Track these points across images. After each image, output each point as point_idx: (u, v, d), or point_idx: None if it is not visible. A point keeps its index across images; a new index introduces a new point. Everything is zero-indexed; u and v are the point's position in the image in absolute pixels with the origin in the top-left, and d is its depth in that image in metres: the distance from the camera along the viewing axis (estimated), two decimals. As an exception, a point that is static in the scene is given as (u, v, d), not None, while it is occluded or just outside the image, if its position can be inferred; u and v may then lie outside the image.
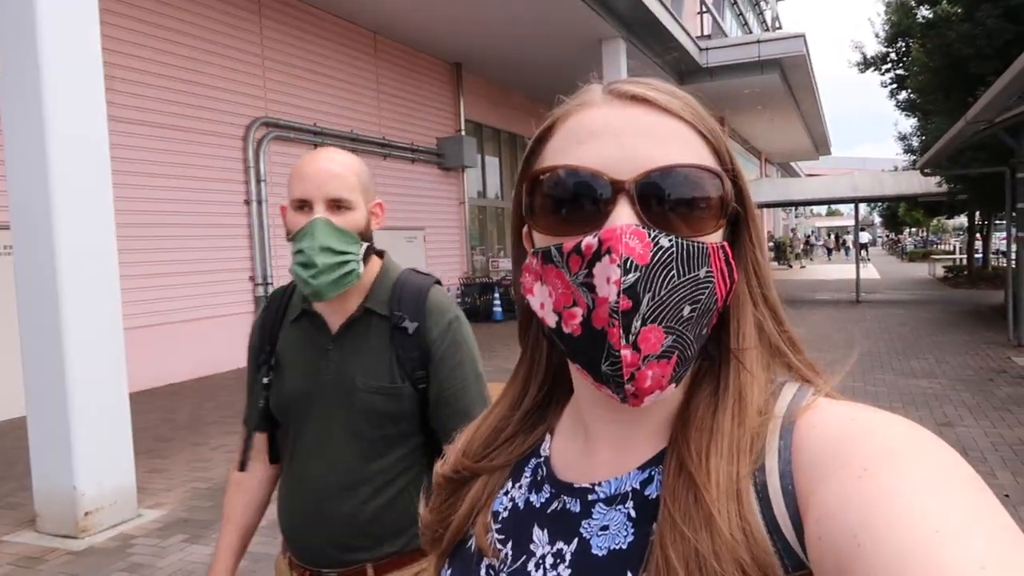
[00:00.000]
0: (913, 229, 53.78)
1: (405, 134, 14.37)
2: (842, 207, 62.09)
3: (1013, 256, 11.01)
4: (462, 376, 1.52)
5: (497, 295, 15.36)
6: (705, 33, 24.50)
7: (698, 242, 0.56)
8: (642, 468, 0.61)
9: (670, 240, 0.55)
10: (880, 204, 34.37)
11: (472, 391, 1.53)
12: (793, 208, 50.29)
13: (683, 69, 17.71)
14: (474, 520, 0.69)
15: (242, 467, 1.67)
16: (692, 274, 0.55)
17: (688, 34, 16.56)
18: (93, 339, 4.46)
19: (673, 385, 0.56)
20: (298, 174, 1.48)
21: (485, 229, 18.02)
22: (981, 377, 8.31)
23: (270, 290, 10.97)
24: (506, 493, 0.70)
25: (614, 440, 0.63)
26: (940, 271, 26.19)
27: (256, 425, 1.66)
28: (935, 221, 43.25)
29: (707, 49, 17.75)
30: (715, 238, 0.59)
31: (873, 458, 0.47)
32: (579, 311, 0.56)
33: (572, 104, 0.63)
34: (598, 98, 0.61)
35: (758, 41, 17.91)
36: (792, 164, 46.79)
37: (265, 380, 1.60)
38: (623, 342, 0.53)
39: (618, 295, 0.53)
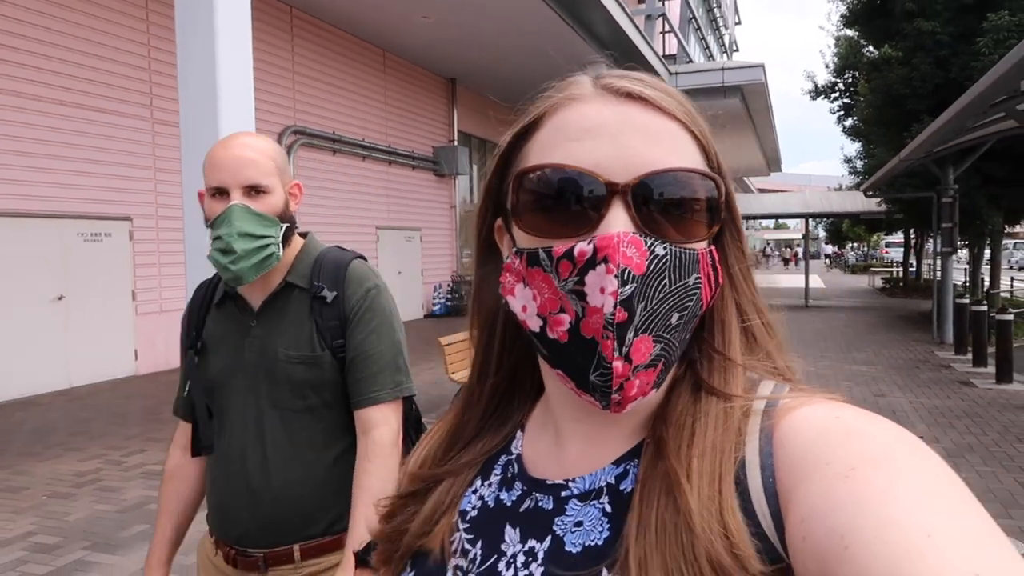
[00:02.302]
0: (855, 244, 56.99)
1: (407, 143, 15.73)
2: (789, 221, 65.48)
3: (938, 269, 12.89)
4: (375, 343, 1.52)
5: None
6: (670, 53, 26.38)
7: (690, 249, 0.55)
8: (617, 463, 0.59)
9: (665, 248, 0.53)
10: (826, 219, 36.80)
11: (384, 359, 1.52)
12: (745, 221, 53.16)
13: (655, 91, 19.38)
14: (437, 522, 0.66)
15: (194, 453, 1.63)
16: (682, 281, 0.54)
17: (661, 60, 18.28)
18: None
19: (655, 390, 0.56)
20: (212, 162, 1.46)
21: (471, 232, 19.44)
22: (909, 365, 10.11)
23: (295, 280, 12.19)
24: (475, 491, 0.67)
25: (587, 436, 0.62)
26: (879, 282, 28.53)
27: (187, 415, 1.65)
28: (875, 236, 46.17)
29: (677, 74, 19.48)
30: (704, 243, 0.57)
31: (860, 459, 0.45)
32: (566, 318, 0.54)
33: (560, 96, 0.60)
34: (589, 92, 0.59)
35: (723, 68, 19.68)
36: (745, 179, 49.28)
37: (189, 362, 1.61)
38: (616, 354, 0.52)
39: (615, 307, 0.51)
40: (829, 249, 57.58)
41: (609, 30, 14.79)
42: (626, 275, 0.51)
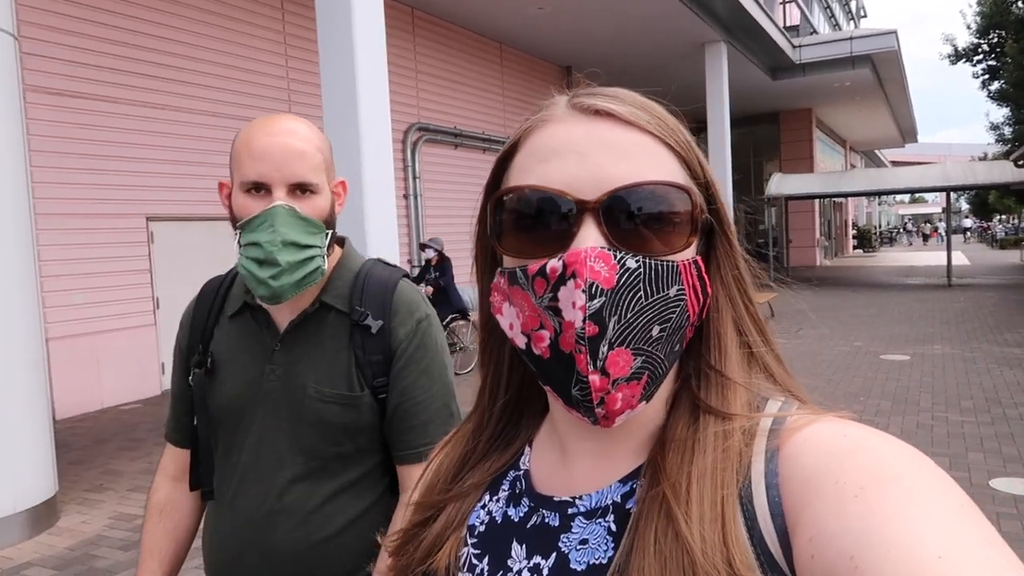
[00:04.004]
0: (1004, 216, 52.76)
1: (524, 133, 15.97)
2: (926, 195, 61.51)
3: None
4: (426, 386, 1.31)
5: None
6: (792, 24, 25.28)
7: (667, 261, 0.55)
8: (623, 481, 0.59)
9: (637, 261, 0.54)
10: (969, 192, 34.29)
11: (435, 405, 1.31)
12: (877, 197, 50.37)
13: (776, 66, 18.75)
14: (447, 538, 0.66)
15: (193, 486, 1.42)
16: (662, 294, 0.54)
17: (783, 34, 17.59)
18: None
19: (644, 403, 0.56)
20: (252, 149, 1.22)
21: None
22: (1070, 346, 9.35)
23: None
24: (483, 507, 0.68)
25: (593, 454, 0.62)
26: (1033, 258, 26.31)
27: (180, 440, 1.44)
28: (1027, 208, 42.43)
29: (800, 46, 18.71)
30: (687, 254, 0.57)
31: (869, 478, 0.45)
32: (547, 334, 0.55)
33: (535, 119, 0.61)
34: (561, 112, 0.60)
35: (850, 38, 18.72)
36: (877, 152, 46.53)
37: (194, 384, 1.38)
38: (591, 368, 0.53)
39: (584, 321, 0.52)
40: (968, 223, 54.05)
41: (727, 5, 14.41)
42: (594, 289, 0.52)
